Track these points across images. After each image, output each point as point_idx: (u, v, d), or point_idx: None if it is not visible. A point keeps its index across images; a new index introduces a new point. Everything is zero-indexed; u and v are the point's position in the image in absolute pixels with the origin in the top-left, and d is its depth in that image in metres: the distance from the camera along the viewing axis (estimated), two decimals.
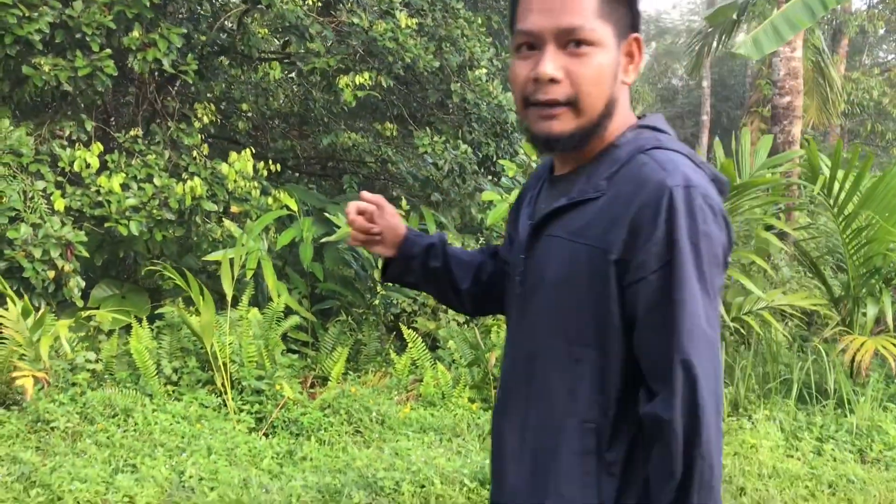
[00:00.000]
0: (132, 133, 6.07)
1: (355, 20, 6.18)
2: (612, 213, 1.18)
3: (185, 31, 5.82)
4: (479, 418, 4.75)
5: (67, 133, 5.81)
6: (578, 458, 1.22)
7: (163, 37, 5.64)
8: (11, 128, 5.27)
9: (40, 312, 4.54)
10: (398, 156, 9.05)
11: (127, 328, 5.65)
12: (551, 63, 1.20)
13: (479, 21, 7.01)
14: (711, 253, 1.14)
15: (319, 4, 6.63)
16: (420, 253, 1.64)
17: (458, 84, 6.90)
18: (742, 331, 5.10)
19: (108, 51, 5.51)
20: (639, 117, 1.33)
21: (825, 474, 3.81)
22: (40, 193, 5.42)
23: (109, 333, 5.56)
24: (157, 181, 5.77)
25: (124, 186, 5.70)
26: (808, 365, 4.63)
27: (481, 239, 7.62)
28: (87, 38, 5.42)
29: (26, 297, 4.70)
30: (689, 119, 22.07)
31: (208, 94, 7.35)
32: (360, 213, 1.62)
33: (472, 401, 5.03)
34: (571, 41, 1.20)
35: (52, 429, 4.10)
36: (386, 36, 6.22)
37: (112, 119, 6.73)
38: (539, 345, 1.28)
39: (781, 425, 4.31)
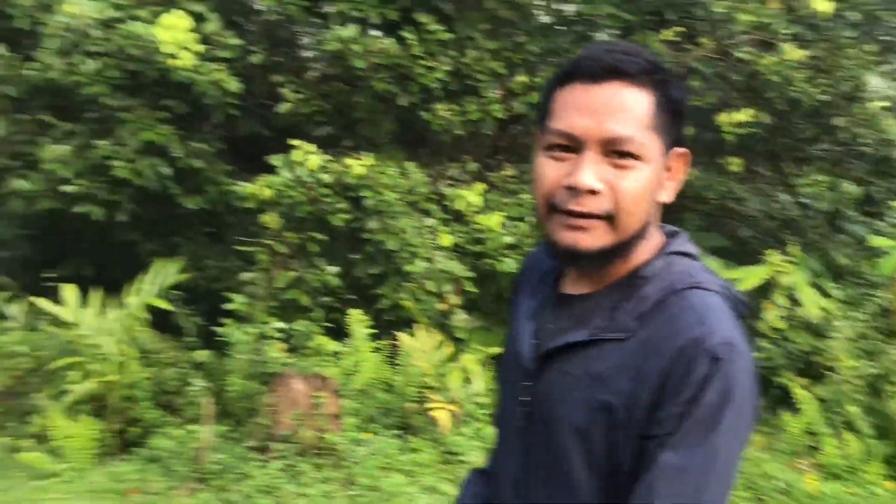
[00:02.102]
0: (505, 172, 6.28)
1: (740, 55, 5.88)
2: (641, 364, 1.06)
3: None
4: None
5: (451, 173, 6.15)
6: None
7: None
8: (416, 170, 5.67)
9: (440, 344, 4.78)
10: (746, 192, 8.52)
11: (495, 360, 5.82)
12: (592, 173, 1.07)
13: (872, 49, 6.35)
14: (737, 424, 1.05)
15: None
16: None
17: (843, 118, 6.30)
18: None
19: (498, 95, 5.75)
20: (667, 234, 1.19)
21: None
22: (428, 230, 5.78)
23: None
24: (532, 220, 5.90)
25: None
26: None
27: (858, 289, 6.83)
28: (480, 84, 5.70)
29: (441, 332, 4.99)
30: None
31: None
32: None
33: (886, 478, 4.46)
34: (616, 151, 1.07)
35: (462, 462, 4.27)
36: (771, 69, 5.83)
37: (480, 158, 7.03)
38: (540, 491, 1.16)
39: None
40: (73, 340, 5.00)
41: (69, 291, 5.14)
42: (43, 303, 5.12)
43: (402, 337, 5.23)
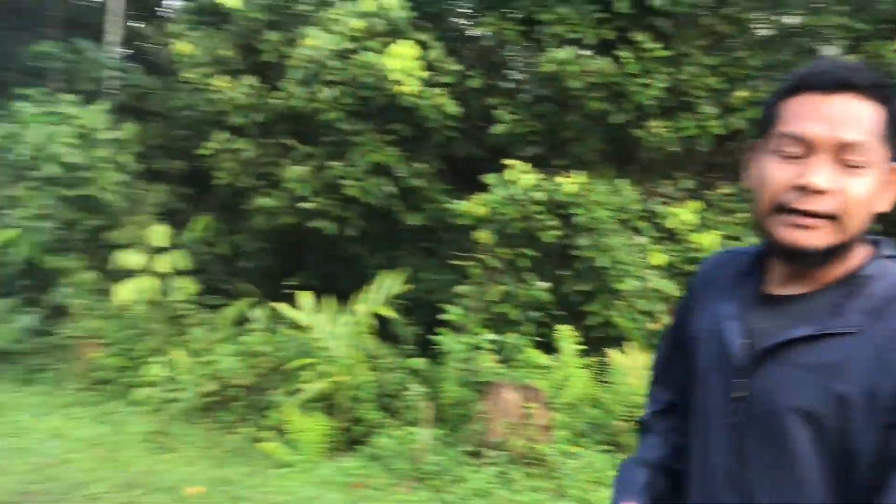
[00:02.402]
0: (722, 190, 6.12)
1: None
2: (881, 356, 1.10)
3: None
4: None
5: (664, 190, 6.09)
6: None
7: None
8: (628, 187, 5.69)
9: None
10: None
11: None
12: (824, 175, 1.13)
13: None
14: None
15: None
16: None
17: None
18: None
19: (715, 110, 5.64)
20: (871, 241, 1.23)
21: None
22: (639, 247, 5.76)
23: None
24: (750, 240, 5.70)
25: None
26: None
27: None
28: (696, 100, 5.62)
29: (652, 352, 4.97)
30: None
31: None
32: None
33: None
34: (846, 157, 1.13)
35: None
36: None
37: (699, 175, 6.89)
38: (764, 484, 1.18)
39: None
40: (307, 343, 5.49)
41: (305, 298, 5.66)
42: (283, 308, 5.68)
43: (612, 354, 5.24)
